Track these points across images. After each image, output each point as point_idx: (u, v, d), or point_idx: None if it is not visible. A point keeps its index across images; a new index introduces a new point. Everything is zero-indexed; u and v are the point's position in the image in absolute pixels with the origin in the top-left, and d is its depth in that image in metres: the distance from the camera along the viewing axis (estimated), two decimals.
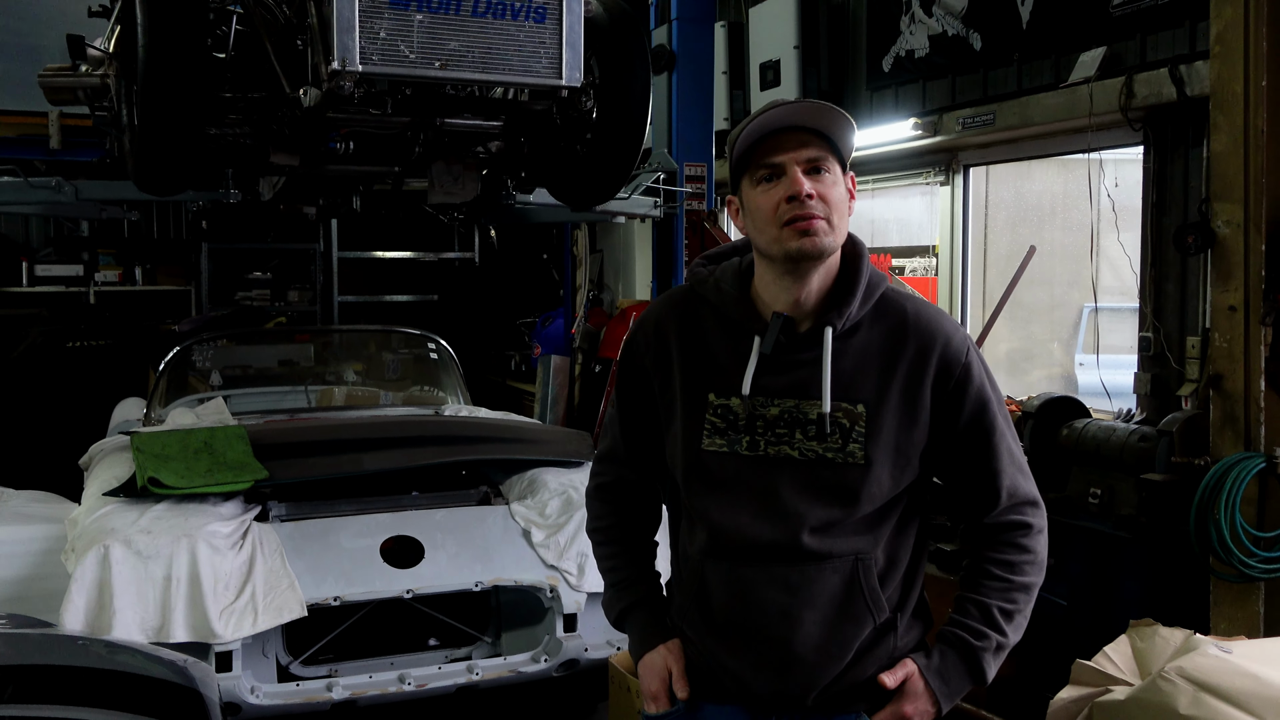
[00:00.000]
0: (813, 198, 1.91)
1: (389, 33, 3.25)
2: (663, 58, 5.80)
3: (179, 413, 5.43)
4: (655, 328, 2.13)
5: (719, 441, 2.00)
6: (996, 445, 2.01)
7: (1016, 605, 1.99)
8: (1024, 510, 2.03)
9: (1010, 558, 2.00)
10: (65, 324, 8.96)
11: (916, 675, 1.97)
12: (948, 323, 2.03)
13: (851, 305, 1.98)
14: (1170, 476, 4.12)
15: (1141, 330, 4.95)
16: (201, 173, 4.38)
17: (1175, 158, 4.79)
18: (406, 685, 3.92)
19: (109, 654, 3.27)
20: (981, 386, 2.00)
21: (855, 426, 1.95)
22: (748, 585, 1.98)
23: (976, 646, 1.97)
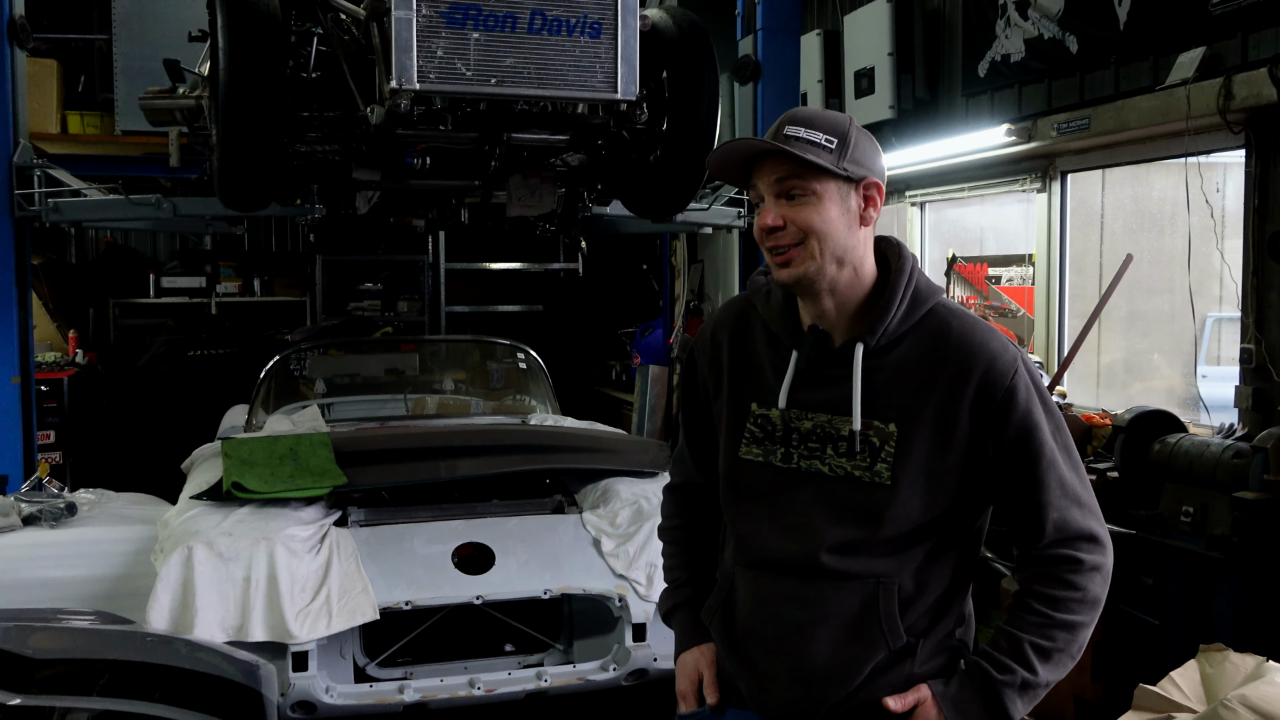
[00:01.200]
0: (780, 228, 1.91)
1: (446, 51, 3.34)
2: (748, 68, 5.79)
3: (276, 419, 5.64)
4: (712, 336, 2.16)
5: (756, 451, 2.02)
6: (1044, 475, 1.90)
7: (1054, 643, 1.89)
8: (1076, 545, 1.91)
9: (1054, 593, 1.90)
10: (187, 333, 9.39)
11: (929, 702, 1.90)
12: (995, 342, 1.94)
13: (887, 321, 1.94)
14: (1264, 495, 3.92)
15: (1243, 342, 4.74)
16: (283, 188, 4.55)
17: (1277, 161, 4.57)
18: (476, 690, 3.99)
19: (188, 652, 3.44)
20: (1029, 411, 1.90)
21: (885, 446, 1.92)
22: (767, 597, 2.00)
23: (998, 680, 1.88)
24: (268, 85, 3.72)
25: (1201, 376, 5.79)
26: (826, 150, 1.90)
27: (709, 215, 5.50)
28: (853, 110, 7.31)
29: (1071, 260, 6.19)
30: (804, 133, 1.90)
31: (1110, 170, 5.94)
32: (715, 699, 2.09)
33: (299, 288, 10.03)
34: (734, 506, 2.07)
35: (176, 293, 9.50)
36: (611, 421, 7.64)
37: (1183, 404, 5.53)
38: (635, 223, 5.63)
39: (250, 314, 9.83)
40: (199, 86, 4.44)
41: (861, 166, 1.93)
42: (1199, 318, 5.18)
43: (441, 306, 10.22)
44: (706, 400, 2.17)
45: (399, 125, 3.63)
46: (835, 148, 1.91)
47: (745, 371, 2.07)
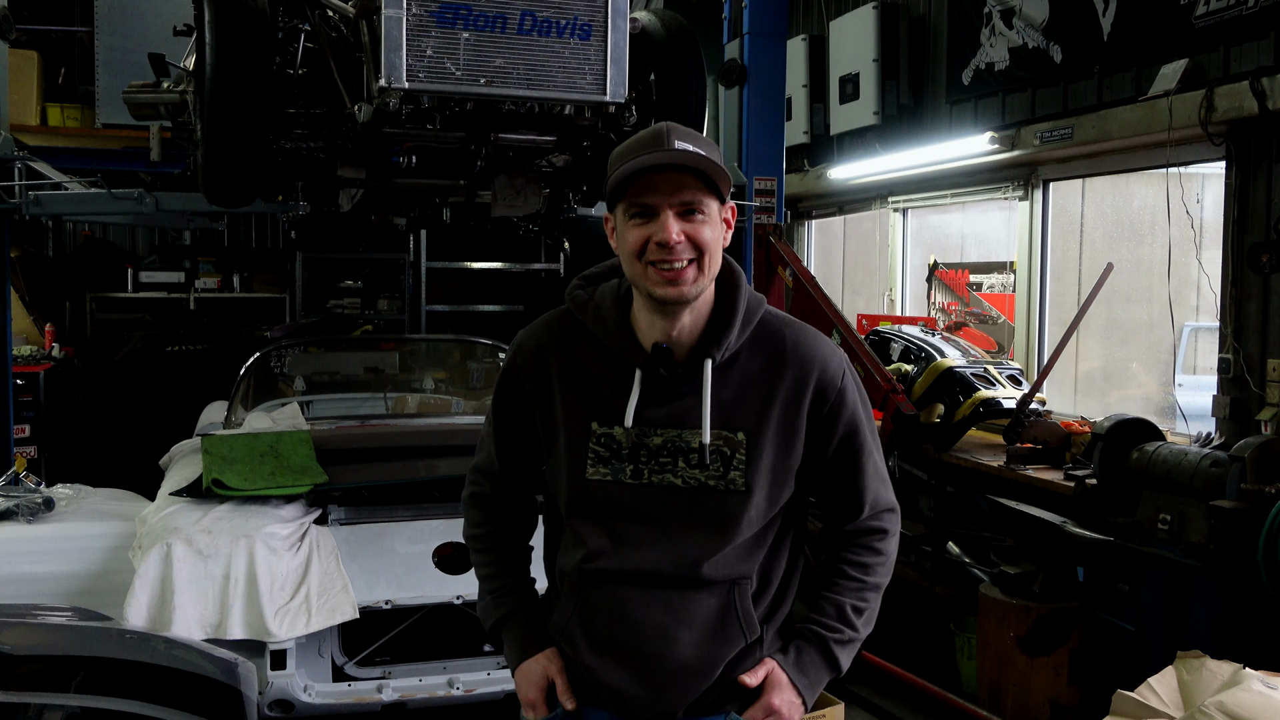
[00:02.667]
0: (681, 243, 1.91)
1: (436, 51, 3.33)
2: (734, 72, 5.80)
3: (256, 416, 5.60)
4: (535, 353, 2.12)
5: (603, 470, 2.02)
6: (864, 463, 2.11)
7: (868, 603, 2.12)
8: (882, 517, 2.15)
9: (865, 559, 2.12)
10: (165, 329, 9.32)
11: (777, 669, 2.06)
12: (824, 347, 2.09)
13: (730, 336, 2.01)
14: (1241, 504, 3.96)
15: (1221, 352, 4.79)
16: (268, 185, 4.53)
17: (1257, 173, 4.63)
18: (455, 689, 4.00)
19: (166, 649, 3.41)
20: (855, 410, 2.08)
21: (736, 454, 2.00)
22: (628, 605, 2.02)
23: (830, 639, 2.08)
24: (254, 81, 3.70)
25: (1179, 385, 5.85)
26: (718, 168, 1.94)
27: None
28: (837, 116, 7.34)
29: (1052, 268, 6.23)
30: (705, 149, 1.93)
31: (1091, 179, 5.99)
32: (573, 705, 2.08)
33: (279, 284, 9.97)
34: (588, 523, 2.05)
35: (155, 287, 9.43)
36: None
37: (1159, 412, 5.58)
38: None
39: (229, 310, 9.76)
40: (184, 81, 4.41)
41: (728, 187, 1.98)
42: (1177, 327, 5.23)
43: (422, 305, 10.17)
44: (529, 418, 2.13)
45: (386, 124, 3.63)
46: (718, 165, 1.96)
47: (580, 390, 2.06)
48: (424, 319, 10.17)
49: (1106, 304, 5.94)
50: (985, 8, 6.15)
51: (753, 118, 5.83)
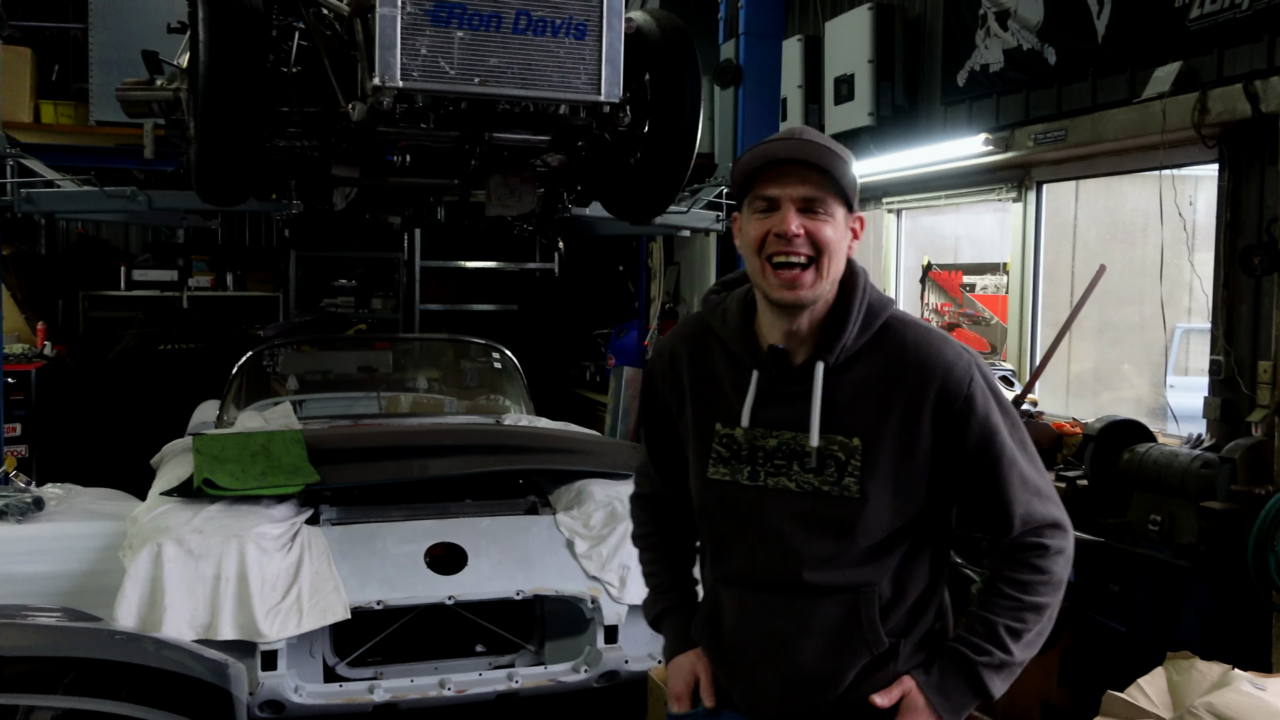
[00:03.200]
0: (800, 237, 1.91)
1: (430, 49, 3.33)
2: (729, 72, 5.81)
3: (248, 416, 5.60)
4: (670, 357, 2.17)
5: (723, 470, 2.04)
6: (1006, 474, 1.96)
7: (1025, 625, 1.95)
8: (1042, 533, 1.98)
9: (1023, 577, 1.96)
10: (158, 327, 9.30)
11: (915, 691, 1.96)
12: (950, 351, 1.98)
13: (844, 339, 1.98)
14: (1231, 505, 3.97)
15: (1213, 353, 4.79)
16: (261, 183, 4.52)
17: (1250, 176, 4.63)
18: (447, 690, 3.99)
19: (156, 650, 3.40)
20: (987, 415, 1.95)
21: (851, 460, 1.95)
22: (753, 611, 2.04)
23: (976, 661, 1.94)
24: (248, 80, 3.69)
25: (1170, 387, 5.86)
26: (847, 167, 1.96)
27: (687, 218, 5.51)
28: (832, 117, 7.35)
29: (1045, 270, 6.23)
30: (834, 148, 1.94)
31: (1084, 181, 5.99)
32: (713, 703, 2.12)
33: (272, 283, 9.97)
34: (708, 525, 2.11)
35: (148, 286, 9.42)
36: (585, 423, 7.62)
37: (1151, 414, 5.59)
38: (613, 224, 5.63)
39: (222, 308, 9.75)
40: (177, 79, 4.41)
41: (855, 195, 1.98)
42: (1169, 329, 5.23)
43: (416, 304, 10.18)
44: (669, 418, 2.19)
45: (380, 122, 3.62)
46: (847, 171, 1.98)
47: (707, 392, 2.10)
48: (418, 318, 10.18)
49: (1099, 305, 5.95)
50: (980, 9, 6.15)
51: (748, 118, 5.83)
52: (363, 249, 10.05)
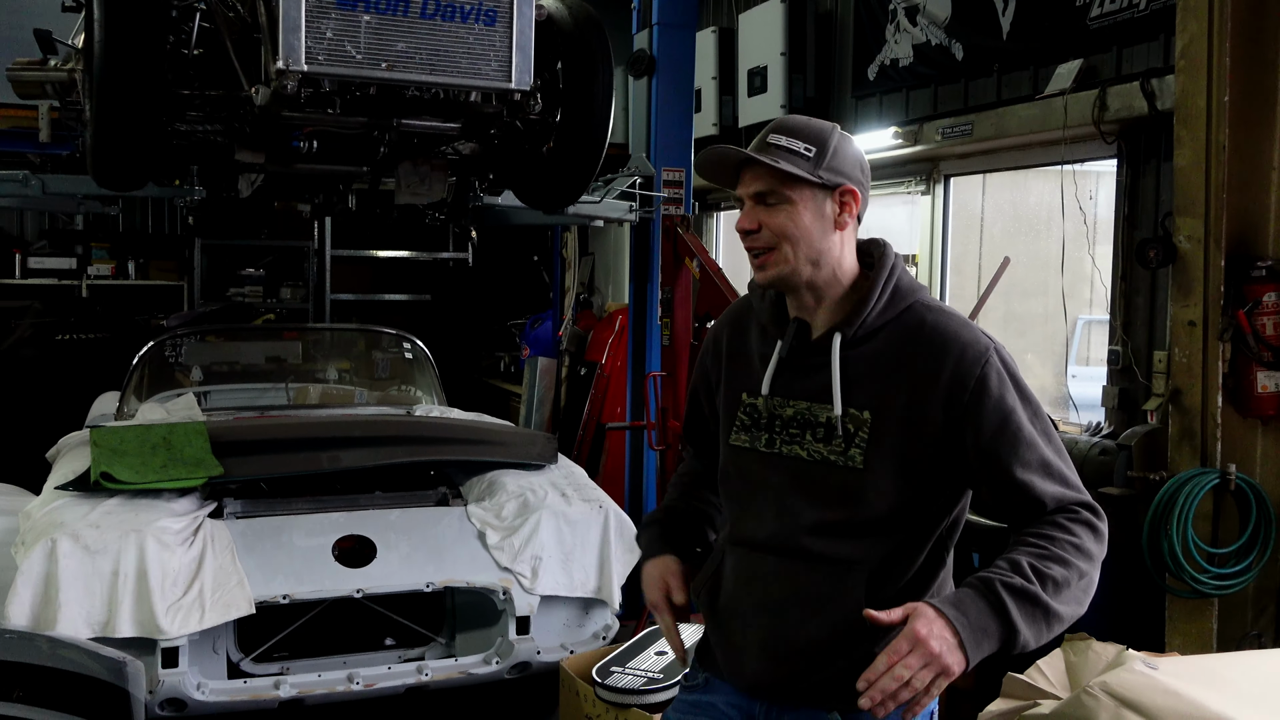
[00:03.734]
0: (754, 230, 2.03)
1: (335, 33, 3.26)
2: (643, 62, 5.80)
3: (150, 407, 5.46)
4: (716, 333, 2.32)
5: (744, 437, 2.13)
6: (1026, 456, 1.93)
7: (1050, 571, 1.80)
8: (1073, 509, 1.92)
9: (1050, 533, 1.88)
10: (56, 316, 9.00)
11: (924, 606, 1.77)
12: (967, 333, 2.00)
13: (866, 314, 2.03)
14: (1127, 491, 4.10)
15: (1111, 343, 4.93)
16: (161, 168, 4.39)
17: (1147, 171, 4.77)
18: (355, 684, 3.93)
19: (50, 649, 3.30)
20: (1001, 398, 1.94)
21: (860, 432, 1.99)
22: (750, 574, 2.10)
23: (998, 580, 1.78)
24: (145, 61, 3.58)
25: (1072, 376, 6.02)
26: (804, 159, 2.01)
27: (601, 208, 5.49)
28: (745, 109, 7.39)
29: (952, 261, 6.36)
30: (785, 141, 2.02)
31: (991, 175, 6.12)
32: (683, 599, 2.18)
33: (176, 271, 9.68)
34: (726, 490, 2.20)
35: (45, 274, 9.07)
36: (500, 413, 7.58)
37: (1054, 402, 5.73)
38: (526, 214, 5.59)
39: (124, 297, 9.46)
40: (72, 59, 4.26)
41: (839, 174, 2.03)
42: (1070, 320, 5.37)
43: (326, 294, 9.99)
44: (709, 394, 2.29)
45: (285, 107, 3.54)
46: (814, 156, 2.01)
47: (739, 363, 2.20)
48: (329, 308, 10.00)
49: (1005, 297, 6.08)
50: (890, 4, 6.24)
51: (661, 109, 5.83)
52: (271, 237, 9.83)
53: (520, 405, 9.08)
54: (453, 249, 10.53)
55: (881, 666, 1.72)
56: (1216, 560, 3.87)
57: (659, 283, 5.56)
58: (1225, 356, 3.90)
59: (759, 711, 2.11)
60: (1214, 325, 3.90)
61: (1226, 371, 3.90)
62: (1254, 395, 3.89)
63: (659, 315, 5.61)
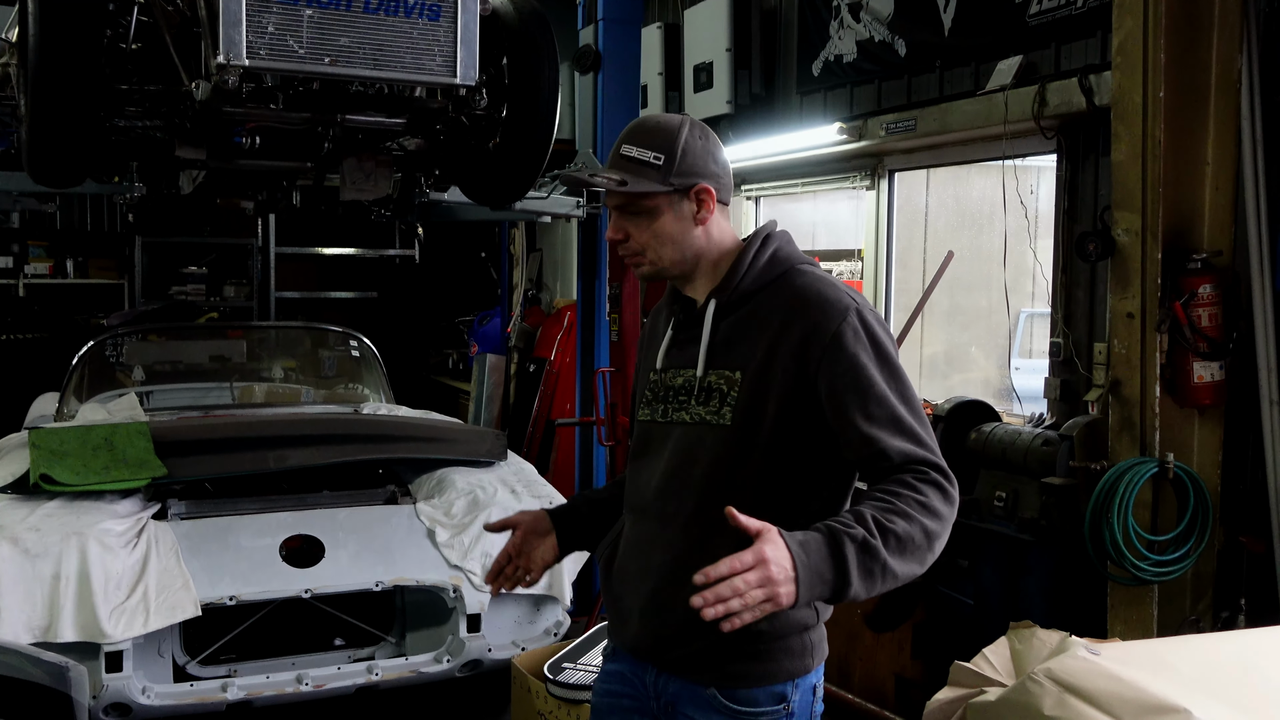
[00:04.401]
0: (624, 239, 2.16)
1: (277, 27, 3.22)
2: (588, 58, 5.79)
3: (90, 408, 5.37)
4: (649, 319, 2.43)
5: (646, 411, 2.24)
6: (873, 411, 1.94)
7: (894, 526, 1.80)
8: (919, 467, 1.91)
9: (894, 489, 1.87)
10: None
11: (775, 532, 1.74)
12: (831, 292, 2.06)
13: (735, 281, 2.13)
14: (1070, 480, 4.16)
15: (1052, 336, 5.01)
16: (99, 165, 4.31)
17: (1086, 166, 4.85)
18: (304, 685, 3.91)
19: None
20: (855, 354, 1.97)
21: (731, 392, 2.08)
22: (637, 539, 2.19)
23: (842, 530, 1.77)
24: (81, 55, 3.51)
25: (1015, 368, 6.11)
26: (654, 168, 2.09)
27: (548, 204, 5.48)
28: (692, 104, 7.41)
29: (897, 256, 6.42)
30: (636, 151, 2.10)
31: (935, 170, 6.18)
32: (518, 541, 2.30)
33: (117, 270, 9.54)
34: (630, 463, 2.29)
35: None
36: (449, 411, 7.54)
37: (998, 394, 5.81)
38: (473, 210, 5.56)
39: (62, 296, 9.30)
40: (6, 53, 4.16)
41: (690, 175, 2.11)
42: (1013, 313, 5.45)
43: (271, 292, 9.88)
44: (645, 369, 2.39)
45: (226, 102, 3.49)
46: (663, 163, 2.09)
47: (650, 345, 2.32)
48: (273, 306, 9.89)
49: (949, 291, 6.16)
50: (834, 1, 6.28)
51: (607, 104, 5.83)
52: (214, 234, 9.71)
53: (469, 402, 9.04)
54: (399, 246, 10.45)
55: (724, 570, 1.67)
56: (1156, 547, 3.95)
57: (607, 279, 5.56)
58: (1163, 348, 3.97)
59: (650, 679, 2.18)
60: (1151, 317, 3.97)
61: (1164, 362, 3.97)
62: (1190, 385, 3.97)
63: (607, 311, 5.61)
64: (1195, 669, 2.69)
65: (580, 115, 6.09)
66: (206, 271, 9.75)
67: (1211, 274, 3.94)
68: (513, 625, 4.26)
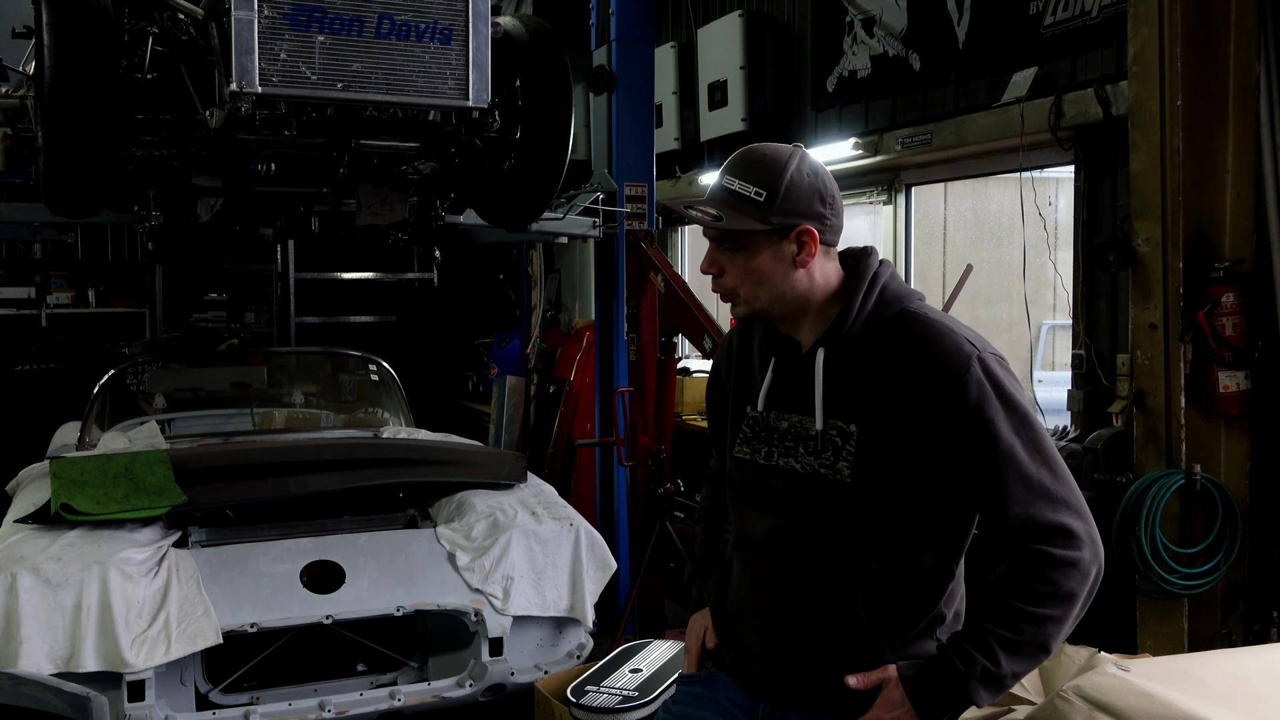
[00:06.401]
0: (718, 274, 2.11)
1: (290, 54, 3.24)
2: (602, 79, 5.80)
3: (112, 437, 5.38)
4: (727, 346, 2.38)
5: (745, 450, 2.20)
6: (1000, 469, 1.93)
7: (1020, 636, 1.93)
8: (1048, 539, 1.93)
9: (1025, 586, 1.94)
10: (15, 347, 8.89)
11: (895, 684, 1.99)
12: (950, 341, 1.98)
13: (846, 326, 2.06)
14: (1095, 494, 4.11)
15: (1075, 348, 4.96)
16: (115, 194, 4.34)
17: (1104, 177, 4.82)
18: (327, 712, 3.89)
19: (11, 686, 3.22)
20: (980, 407, 1.93)
21: (847, 445, 2.03)
22: (753, 577, 2.19)
23: (961, 671, 1.95)
24: (97, 86, 3.54)
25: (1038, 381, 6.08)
26: (754, 204, 2.01)
27: (564, 225, 5.48)
28: (706, 123, 7.42)
29: (916, 270, 6.39)
30: (738, 185, 2.04)
31: (952, 184, 6.16)
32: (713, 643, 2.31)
33: (137, 299, 9.59)
34: (731, 499, 2.28)
35: (3, 304, 8.98)
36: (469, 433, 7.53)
37: None
38: (490, 232, 5.57)
39: (84, 326, 9.36)
40: (24, 86, 4.20)
41: (792, 216, 2.02)
42: (1034, 325, 5.41)
43: (291, 317, 9.92)
44: (725, 401, 2.35)
45: (240, 129, 3.51)
46: (764, 200, 2.01)
47: (744, 377, 2.27)
48: (293, 331, 9.93)
49: (970, 304, 6.12)
50: (847, 16, 6.28)
51: (622, 124, 5.83)
52: (233, 261, 9.76)
53: (490, 424, 9.04)
54: (417, 269, 10.48)
55: None
56: (1185, 560, 3.89)
57: (624, 298, 5.55)
58: (1187, 358, 3.93)
59: (762, 711, 2.18)
60: (1174, 327, 3.93)
61: (1189, 372, 3.93)
62: (1216, 395, 3.93)
63: (625, 331, 5.60)
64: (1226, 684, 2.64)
65: (596, 135, 6.10)
66: (226, 298, 9.80)
67: (1234, 282, 3.90)
68: (535, 648, 4.24)
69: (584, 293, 9.24)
